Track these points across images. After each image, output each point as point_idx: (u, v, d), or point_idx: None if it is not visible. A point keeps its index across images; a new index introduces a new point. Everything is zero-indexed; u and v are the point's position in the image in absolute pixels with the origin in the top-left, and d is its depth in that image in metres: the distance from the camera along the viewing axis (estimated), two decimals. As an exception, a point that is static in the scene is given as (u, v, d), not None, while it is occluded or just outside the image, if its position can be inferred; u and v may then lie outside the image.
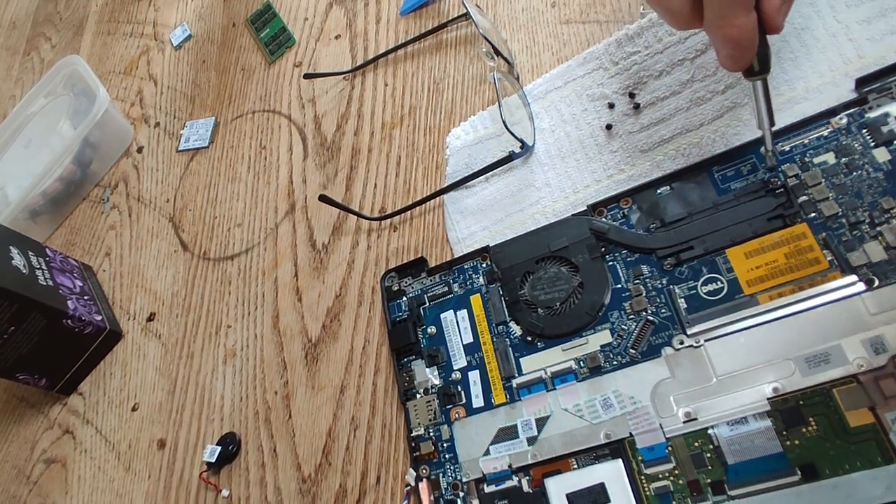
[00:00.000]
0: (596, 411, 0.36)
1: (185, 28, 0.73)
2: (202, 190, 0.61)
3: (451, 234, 0.46)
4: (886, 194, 0.33)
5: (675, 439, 0.34)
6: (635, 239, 0.39)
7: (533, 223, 0.43)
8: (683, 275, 0.37)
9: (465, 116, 0.50)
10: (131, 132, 0.70)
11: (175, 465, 0.49)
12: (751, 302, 0.34)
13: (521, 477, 0.37)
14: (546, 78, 0.48)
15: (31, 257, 0.54)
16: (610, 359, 0.37)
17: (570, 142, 0.45)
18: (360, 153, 0.54)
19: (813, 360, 0.32)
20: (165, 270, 0.59)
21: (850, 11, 0.39)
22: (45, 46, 0.87)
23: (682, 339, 0.35)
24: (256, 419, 0.48)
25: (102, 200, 0.67)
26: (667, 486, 0.33)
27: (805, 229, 0.34)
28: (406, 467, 0.41)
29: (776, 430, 0.32)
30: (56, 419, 0.57)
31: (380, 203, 0.51)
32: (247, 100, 0.64)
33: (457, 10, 0.55)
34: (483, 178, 0.47)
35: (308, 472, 0.44)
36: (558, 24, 0.50)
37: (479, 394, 0.40)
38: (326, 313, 0.49)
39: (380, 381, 0.44)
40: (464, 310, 0.42)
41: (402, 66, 0.56)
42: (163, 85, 0.71)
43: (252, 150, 0.61)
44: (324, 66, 0.61)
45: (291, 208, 0.55)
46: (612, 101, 0.44)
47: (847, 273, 0.33)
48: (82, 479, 0.53)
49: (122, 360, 0.57)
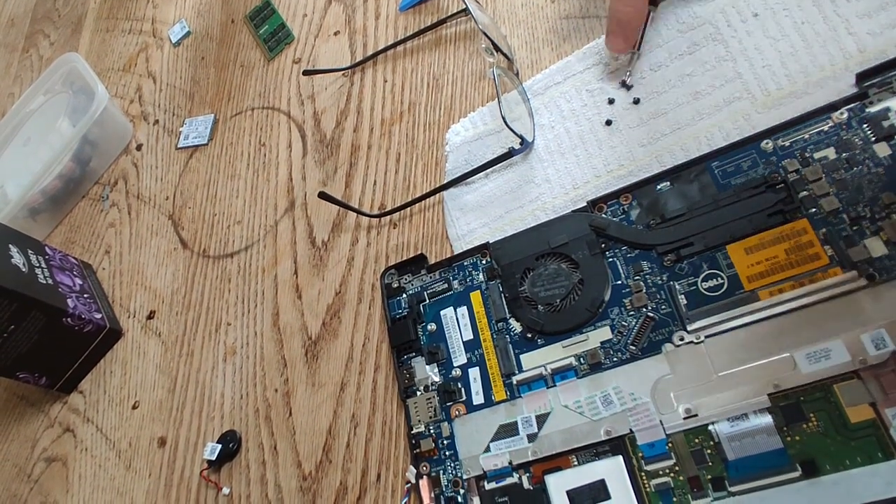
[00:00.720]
0: (596, 408, 0.36)
1: (183, 25, 0.73)
2: (202, 187, 0.61)
3: (450, 231, 0.46)
4: (887, 189, 0.33)
5: (675, 436, 0.33)
6: (635, 235, 0.38)
7: (533, 219, 0.43)
8: (684, 271, 0.36)
9: (465, 112, 0.50)
10: (130, 129, 0.69)
11: (175, 463, 0.49)
12: (751, 298, 0.34)
13: (522, 474, 0.37)
14: (546, 73, 0.47)
15: (30, 255, 0.54)
16: (610, 355, 0.37)
17: (569, 137, 0.45)
18: (360, 150, 0.54)
19: (813, 356, 0.32)
20: (165, 268, 0.59)
21: (850, 5, 0.38)
22: (44, 44, 0.86)
23: (683, 335, 0.35)
24: (257, 417, 0.48)
25: (102, 198, 0.67)
26: (667, 483, 0.33)
27: (805, 225, 0.34)
28: (406, 464, 0.41)
29: (776, 426, 0.31)
30: (56, 417, 0.57)
31: (379, 200, 0.51)
32: (246, 97, 0.64)
33: (456, 5, 0.55)
34: (483, 175, 0.47)
35: (308, 469, 0.44)
36: (558, 19, 0.50)
37: (479, 391, 0.40)
38: (326, 310, 0.49)
39: (380, 378, 0.44)
40: (464, 307, 0.42)
41: (402, 63, 0.56)
42: (162, 82, 0.71)
43: (251, 147, 0.61)
44: (323, 62, 0.61)
45: (291, 205, 0.55)
46: (611, 96, 0.44)
47: (848, 269, 0.33)
48: (83, 478, 0.53)
49: (123, 359, 0.57)
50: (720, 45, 0.41)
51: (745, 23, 0.41)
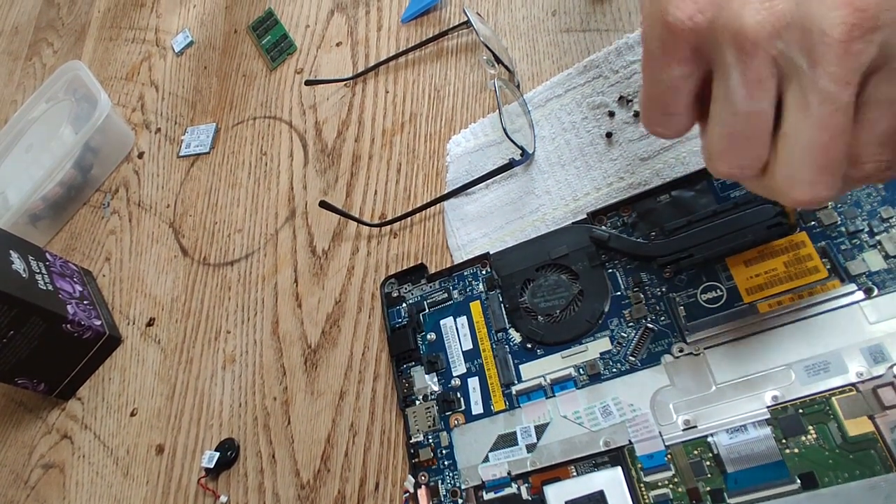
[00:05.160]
0: (595, 419, 0.36)
1: (186, 34, 0.74)
2: (203, 195, 0.62)
3: (450, 241, 0.46)
4: (885, 203, 0.33)
5: (674, 447, 0.34)
6: (635, 247, 0.39)
7: (533, 230, 0.44)
8: (683, 283, 0.37)
9: (466, 124, 0.50)
10: (132, 137, 0.70)
11: (173, 471, 0.49)
12: (750, 310, 0.34)
13: (520, 484, 0.37)
14: (546, 86, 0.48)
15: (30, 262, 0.54)
16: (609, 366, 0.37)
17: (570, 150, 0.45)
18: (361, 160, 0.54)
19: (812, 369, 0.32)
20: (165, 276, 0.59)
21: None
22: (47, 52, 0.87)
23: (682, 346, 0.35)
24: (255, 425, 0.48)
25: (103, 205, 0.67)
26: (666, 494, 0.33)
27: (804, 238, 0.34)
28: (405, 474, 0.41)
29: (775, 438, 0.32)
30: (54, 424, 0.57)
31: (380, 209, 0.51)
32: (248, 106, 0.64)
33: (458, 17, 0.55)
34: (483, 186, 0.47)
35: (307, 478, 0.44)
36: (559, 32, 0.50)
37: (478, 400, 0.40)
38: (326, 319, 0.49)
39: (379, 387, 0.44)
40: (463, 316, 0.42)
41: (403, 74, 0.56)
42: (164, 91, 0.72)
43: (253, 156, 0.61)
44: (325, 72, 0.61)
45: (292, 214, 0.55)
46: (612, 109, 0.44)
47: (846, 282, 0.33)
48: (80, 485, 0.53)
49: (122, 366, 0.57)
50: (720, 60, 0.42)
51: (744, 38, 0.41)
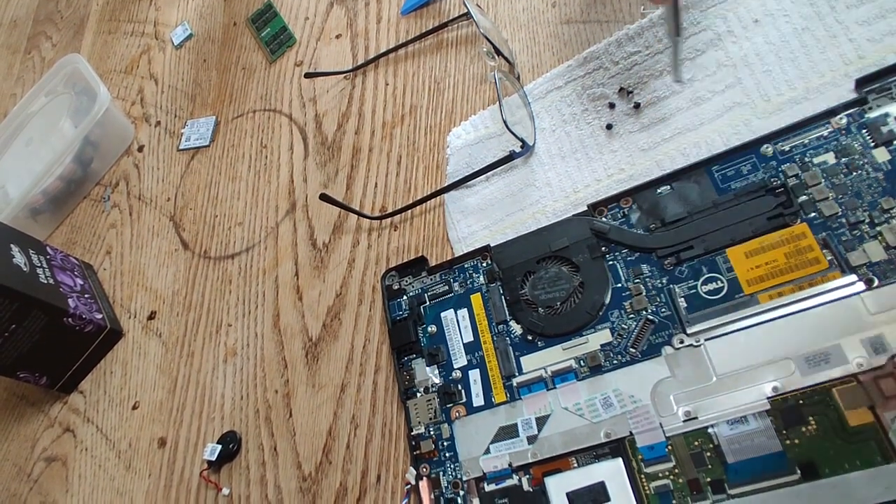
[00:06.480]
0: (596, 410, 0.36)
1: (185, 27, 0.73)
2: (203, 189, 0.61)
3: (451, 234, 0.46)
4: (886, 194, 0.33)
5: (675, 438, 0.34)
6: (636, 238, 0.39)
7: (534, 222, 0.44)
8: (683, 274, 0.37)
9: (466, 116, 0.50)
10: (132, 131, 0.70)
11: (175, 464, 0.49)
12: (751, 301, 0.34)
13: (522, 476, 0.37)
14: (547, 77, 0.48)
15: (31, 255, 0.54)
16: (610, 358, 0.37)
17: (570, 141, 0.45)
18: (361, 152, 0.54)
19: (813, 360, 0.32)
20: (166, 269, 0.59)
21: (850, 12, 0.39)
22: (46, 45, 0.87)
23: (682, 338, 0.35)
24: (257, 418, 0.48)
25: (103, 199, 0.67)
26: (667, 485, 0.33)
27: (805, 229, 0.34)
28: (406, 466, 0.41)
29: (776, 429, 0.32)
30: (57, 417, 0.57)
31: (380, 202, 0.51)
32: (247, 99, 0.64)
33: (458, 9, 0.55)
34: (484, 178, 0.47)
35: (308, 470, 0.44)
36: (559, 23, 0.50)
37: (479, 392, 0.40)
38: (327, 312, 0.49)
39: (380, 379, 0.45)
40: (464, 309, 0.43)
41: (403, 66, 0.56)
42: (164, 84, 0.71)
43: (253, 149, 0.61)
44: (324, 65, 0.61)
45: (292, 207, 0.55)
46: (612, 100, 0.44)
47: (847, 273, 0.33)
48: (83, 478, 0.53)
49: (123, 359, 0.57)
50: (721, 51, 0.42)
51: (745, 29, 0.41)
